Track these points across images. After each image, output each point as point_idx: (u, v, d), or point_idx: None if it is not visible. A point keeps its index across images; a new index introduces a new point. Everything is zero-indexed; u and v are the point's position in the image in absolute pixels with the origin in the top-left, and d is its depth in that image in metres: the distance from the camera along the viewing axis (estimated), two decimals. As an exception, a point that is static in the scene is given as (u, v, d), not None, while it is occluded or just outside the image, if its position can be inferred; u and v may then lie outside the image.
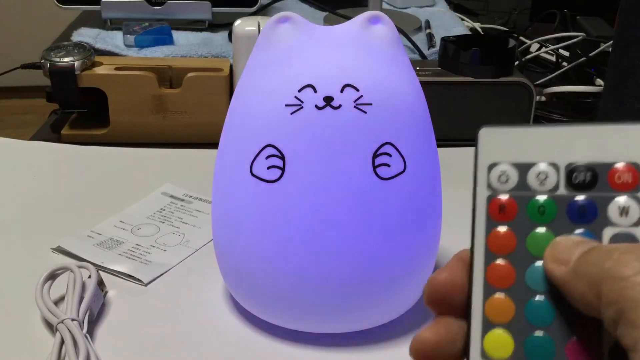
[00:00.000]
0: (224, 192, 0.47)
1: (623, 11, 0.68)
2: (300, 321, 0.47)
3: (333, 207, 0.43)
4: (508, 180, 0.25)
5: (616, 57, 0.69)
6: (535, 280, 0.24)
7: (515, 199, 0.25)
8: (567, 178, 0.24)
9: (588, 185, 0.24)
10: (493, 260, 0.25)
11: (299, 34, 0.45)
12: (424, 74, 0.76)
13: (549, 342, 0.23)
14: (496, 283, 0.24)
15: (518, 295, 0.24)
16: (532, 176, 0.25)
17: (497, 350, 0.24)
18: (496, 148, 0.25)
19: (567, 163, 0.24)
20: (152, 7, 1.02)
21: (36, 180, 0.70)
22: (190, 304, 0.51)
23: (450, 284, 0.26)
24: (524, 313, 0.24)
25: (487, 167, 0.25)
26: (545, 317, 0.23)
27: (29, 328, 0.48)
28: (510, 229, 0.25)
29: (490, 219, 0.25)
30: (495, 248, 0.25)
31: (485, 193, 0.25)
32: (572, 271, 0.22)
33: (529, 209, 0.24)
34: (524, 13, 1.31)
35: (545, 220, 0.24)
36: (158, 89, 0.76)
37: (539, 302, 0.24)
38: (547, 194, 0.24)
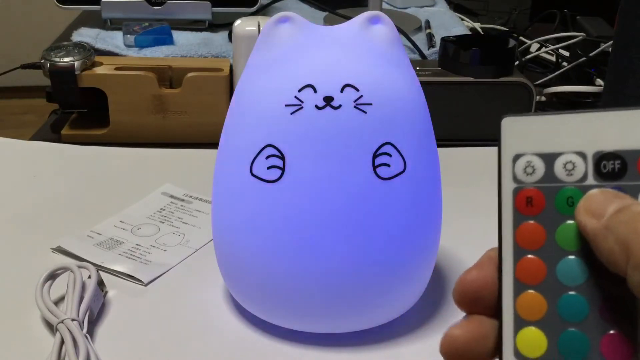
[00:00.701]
0: (224, 192, 0.47)
1: (623, 11, 0.68)
2: (300, 321, 0.47)
3: (333, 207, 0.43)
4: (534, 172, 0.24)
5: (616, 57, 0.69)
6: (567, 274, 0.23)
7: (542, 190, 0.24)
8: (595, 167, 0.23)
9: (618, 174, 0.23)
10: (522, 256, 0.24)
11: (299, 34, 0.45)
12: (424, 74, 0.76)
13: (583, 338, 0.23)
14: (526, 279, 0.24)
15: (549, 291, 0.23)
16: (559, 166, 0.24)
17: (531, 349, 0.23)
18: (520, 138, 0.24)
19: (595, 151, 0.23)
20: (152, 7, 1.02)
21: (36, 180, 0.70)
22: (190, 304, 0.51)
23: (481, 282, 0.25)
24: (557, 309, 0.23)
25: (512, 159, 0.24)
26: (579, 313, 0.23)
27: (29, 328, 0.48)
28: (538, 222, 0.24)
29: (517, 213, 0.24)
30: (524, 243, 0.24)
31: (511, 185, 0.24)
32: (604, 226, 0.22)
33: (557, 200, 0.24)
34: (524, 13, 1.31)
35: (573, 212, 0.23)
36: (158, 89, 0.76)
37: (571, 298, 0.23)
38: (576, 185, 0.23)
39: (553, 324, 0.23)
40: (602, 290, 0.23)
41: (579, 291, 0.23)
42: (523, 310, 0.24)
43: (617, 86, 0.68)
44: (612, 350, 0.22)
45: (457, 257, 0.55)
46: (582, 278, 0.23)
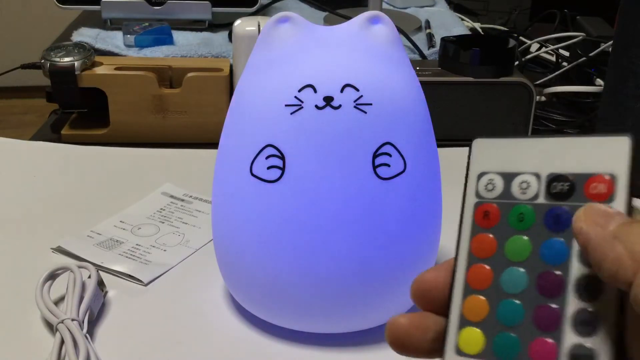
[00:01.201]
0: (224, 192, 0.47)
1: (623, 11, 0.68)
2: (300, 321, 0.47)
3: (333, 207, 0.43)
4: (494, 189, 0.27)
5: (616, 57, 0.69)
6: (509, 283, 0.25)
7: (498, 206, 0.26)
8: (547, 187, 0.25)
9: (565, 194, 0.25)
10: (474, 263, 0.26)
11: (299, 34, 0.45)
12: (424, 74, 0.76)
13: (515, 341, 0.25)
14: (475, 284, 0.26)
15: (492, 296, 0.26)
16: (515, 185, 0.26)
17: (470, 346, 0.26)
18: (486, 158, 0.27)
19: (548, 173, 0.26)
20: (152, 7, 1.02)
21: (36, 180, 0.70)
22: (190, 304, 0.51)
23: (435, 283, 0.27)
24: (496, 313, 0.25)
25: (477, 176, 0.27)
26: (514, 318, 0.25)
27: (29, 328, 0.48)
28: (491, 234, 0.26)
29: (475, 225, 0.27)
30: (477, 252, 0.26)
31: (473, 200, 0.27)
32: (612, 235, 0.22)
33: (510, 216, 0.26)
34: (524, 13, 1.31)
35: (523, 227, 0.26)
36: (158, 89, 0.76)
37: (509, 304, 0.25)
38: (528, 202, 0.26)
39: (491, 326, 0.25)
40: (537, 300, 0.25)
41: (517, 298, 0.25)
42: (468, 311, 0.26)
43: (617, 86, 0.68)
44: (538, 355, 0.24)
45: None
46: (521, 287, 0.25)
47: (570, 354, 0.23)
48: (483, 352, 0.25)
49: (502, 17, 1.28)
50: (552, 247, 0.25)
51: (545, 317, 0.24)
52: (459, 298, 0.26)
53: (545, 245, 0.25)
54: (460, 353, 0.26)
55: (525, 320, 0.25)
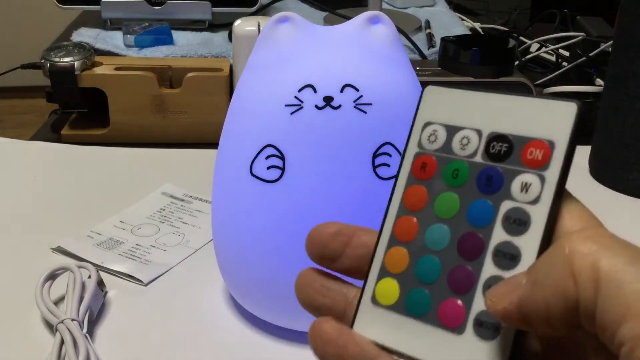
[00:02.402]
0: (224, 192, 0.47)
1: (623, 11, 0.68)
2: (300, 321, 0.47)
3: (333, 207, 0.43)
4: (436, 140, 0.26)
5: (616, 57, 0.69)
6: (432, 239, 0.25)
7: (437, 159, 0.26)
8: (485, 146, 0.25)
9: (502, 156, 0.24)
10: (403, 214, 0.26)
11: (299, 34, 0.45)
12: (424, 74, 0.76)
13: (427, 298, 0.24)
14: (401, 236, 0.26)
15: (414, 250, 0.25)
16: (456, 139, 0.25)
17: (385, 297, 0.25)
18: (434, 108, 0.26)
19: (490, 131, 0.25)
20: (152, 7, 1.02)
21: (36, 180, 0.70)
22: (190, 304, 0.51)
23: (332, 234, 0.27)
24: (415, 267, 0.25)
25: (422, 125, 0.26)
26: (431, 275, 0.25)
27: (29, 328, 0.48)
28: (425, 187, 0.26)
29: (411, 175, 0.26)
30: (408, 203, 0.26)
31: (414, 149, 0.26)
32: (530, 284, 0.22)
33: (446, 171, 0.25)
34: (524, 13, 1.31)
35: (456, 184, 0.25)
36: (158, 89, 0.76)
37: (429, 261, 0.25)
38: (464, 159, 0.25)
39: (408, 280, 0.25)
40: (456, 260, 0.24)
41: (437, 255, 0.25)
42: (389, 262, 0.26)
43: (617, 86, 0.68)
44: (446, 316, 0.24)
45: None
46: (443, 245, 0.25)
47: (476, 320, 0.23)
48: (395, 305, 0.25)
49: (502, 17, 1.28)
50: (478, 209, 0.24)
51: (459, 279, 0.24)
52: (383, 247, 0.26)
53: (473, 206, 0.24)
54: (376, 302, 0.25)
55: (440, 279, 0.24)
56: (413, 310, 0.25)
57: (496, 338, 0.23)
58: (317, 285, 0.27)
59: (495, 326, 0.23)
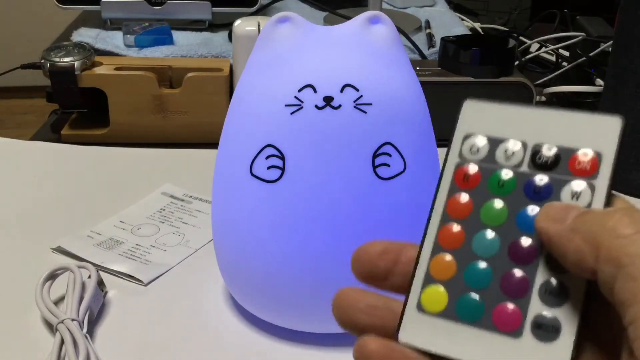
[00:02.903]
0: (224, 192, 0.47)
1: (623, 11, 0.68)
2: (300, 321, 0.47)
3: (333, 207, 0.43)
4: (478, 152, 0.26)
5: (616, 57, 0.69)
6: (480, 246, 0.25)
7: (480, 169, 0.26)
8: (531, 157, 0.25)
9: (549, 166, 0.25)
10: (447, 222, 0.26)
11: (299, 34, 0.45)
12: (424, 74, 0.76)
13: (479, 304, 0.25)
14: (445, 244, 0.26)
15: (462, 257, 0.25)
16: (500, 151, 0.26)
17: (432, 304, 0.25)
18: (475, 120, 0.27)
19: (535, 143, 0.25)
20: (152, 7, 1.02)
21: (36, 180, 0.70)
22: (190, 304, 0.51)
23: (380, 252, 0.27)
24: (464, 274, 0.25)
25: (463, 137, 0.27)
26: (481, 281, 0.25)
27: (29, 328, 0.48)
28: (469, 196, 0.26)
29: (454, 185, 0.26)
30: (452, 212, 0.26)
31: (455, 160, 0.27)
32: (569, 228, 0.23)
33: (490, 180, 0.26)
34: (524, 13, 1.31)
35: (502, 192, 0.25)
36: (158, 89, 0.76)
37: (478, 267, 0.25)
38: (510, 169, 0.26)
39: (457, 286, 0.25)
40: (508, 265, 0.25)
41: (487, 262, 0.25)
42: (435, 269, 0.26)
43: (617, 86, 0.68)
44: (502, 320, 0.24)
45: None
46: (493, 251, 0.25)
47: (534, 323, 0.23)
48: (445, 312, 0.25)
49: (502, 17, 1.28)
50: (528, 215, 0.25)
51: (513, 283, 0.24)
52: (427, 255, 0.26)
53: (522, 213, 0.25)
54: (422, 310, 0.25)
55: (492, 284, 0.24)
56: (465, 316, 0.25)
57: (557, 339, 0.23)
58: (362, 305, 0.27)
59: (556, 328, 0.23)
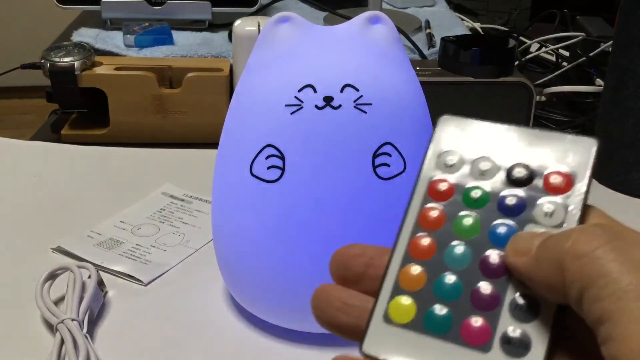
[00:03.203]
0: (224, 192, 0.47)
1: (623, 11, 0.68)
2: (300, 321, 0.47)
3: (333, 207, 0.43)
4: (453, 166, 0.27)
5: (616, 57, 0.69)
6: (451, 258, 0.25)
7: (455, 183, 0.26)
8: (507, 173, 0.26)
9: (524, 182, 0.25)
10: (419, 233, 0.26)
11: (299, 34, 0.45)
12: (424, 74, 0.76)
13: (448, 317, 0.24)
14: (416, 255, 0.26)
15: (432, 269, 0.25)
16: (475, 166, 0.26)
17: (400, 315, 0.25)
18: (451, 135, 0.27)
19: (511, 160, 0.26)
20: (152, 7, 1.02)
21: (36, 180, 0.70)
22: (190, 304, 0.51)
23: (354, 255, 0.27)
24: (433, 286, 0.25)
25: (439, 152, 0.27)
26: (451, 294, 0.24)
27: (29, 328, 0.48)
28: (443, 208, 0.26)
29: (427, 197, 0.27)
30: (424, 223, 0.26)
31: (430, 173, 0.27)
32: (534, 258, 0.23)
33: (465, 194, 0.26)
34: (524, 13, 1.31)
35: (476, 206, 0.26)
36: (158, 89, 0.76)
37: (448, 279, 0.25)
38: (485, 184, 0.26)
39: (426, 298, 0.25)
40: (478, 279, 0.24)
41: (458, 275, 0.25)
42: (404, 280, 0.25)
43: (617, 86, 0.68)
44: (470, 334, 0.24)
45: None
46: (464, 264, 0.25)
47: (504, 338, 0.23)
48: (412, 323, 0.25)
49: (502, 17, 1.28)
50: (501, 230, 0.25)
51: (483, 297, 0.24)
52: (396, 266, 0.26)
53: (495, 227, 0.25)
54: (388, 321, 0.25)
55: (462, 297, 0.24)
56: (433, 328, 0.24)
57: (526, 355, 0.23)
58: (338, 303, 0.27)
59: (525, 344, 0.23)
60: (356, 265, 0.27)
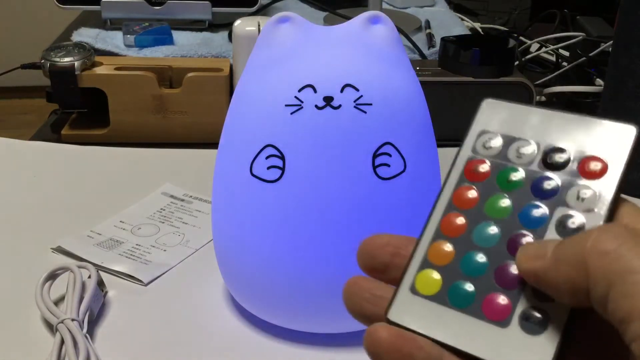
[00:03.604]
0: (224, 192, 0.47)
1: (623, 11, 0.68)
2: (300, 321, 0.47)
3: (333, 207, 0.43)
4: (491, 147, 0.27)
5: (616, 57, 0.69)
6: (480, 237, 0.26)
7: (491, 164, 0.27)
8: (543, 157, 0.26)
9: (559, 166, 0.25)
10: (451, 212, 0.27)
11: (299, 34, 0.45)
12: (424, 74, 0.76)
13: (471, 291, 0.25)
14: (447, 231, 0.27)
15: (461, 246, 0.26)
16: (513, 148, 0.27)
17: (426, 287, 0.26)
18: (491, 118, 0.28)
19: (548, 144, 0.26)
20: (152, 7, 1.02)
21: (36, 180, 0.70)
22: (190, 304, 0.51)
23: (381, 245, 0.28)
24: (460, 262, 0.26)
25: (478, 133, 0.28)
26: (476, 270, 0.25)
27: (29, 328, 0.48)
28: (476, 188, 0.27)
29: (462, 177, 0.27)
30: (457, 202, 0.27)
31: (468, 154, 0.28)
32: (552, 260, 0.23)
33: (500, 176, 0.26)
34: (524, 13, 1.31)
35: (509, 188, 0.26)
36: (158, 89, 0.76)
37: (475, 256, 0.26)
38: (521, 167, 0.26)
39: (452, 272, 0.26)
40: (504, 258, 0.25)
41: (485, 252, 0.25)
42: (432, 254, 0.26)
43: (617, 86, 0.68)
44: (491, 309, 0.24)
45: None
46: (492, 243, 0.25)
47: (523, 314, 0.24)
48: (437, 295, 0.25)
49: (502, 17, 1.28)
50: (532, 212, 0.25)
51: (507, 275, 0.25)
52: (427, 241, 0.27)
53: (526, 209, 0.25)
54: (415, 292, 0.26)
55: (486, 274, 0.25)
56: (456, 302, 0.25)
57: (543, 333, 0.23)
58: (366, 294, 0.28)
59: (543, 322, 0.23)
60: (382, 254, 0.28)
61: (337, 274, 0.44)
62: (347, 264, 0.44)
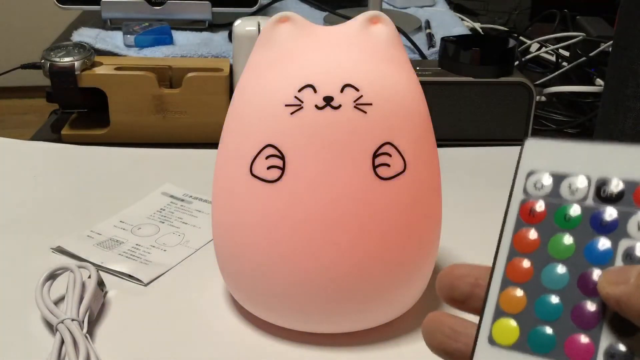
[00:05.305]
0: (224, 192, 0.47)
1: (623, 11, 0.68)
2: (300, 321, 0.47)
3: (333, 207, 0.43)
4: (543, 187, 0.27)
5: (616, 57, 0.69)
6: (550, 279, 0.26)
7: (546, 204, 0.27)
8: (596, 191, 0.26)
9: (614, 199, 0.25)
10: (515, 257, 0.27)
11: (299, 34, 0.45)
12: (424, 74, 0.76)
13: (551, 336, 0.25)
14: (514, 277, 0.26)
15: (531, 290, 0.26)
16: (565, 186, 0.27)
17: (504, 337, 0.26)
18: (537, 158, 0.28)
19: (599, 177, 0.26)
20: (152, 7, 1.02)
21: (36, 180, 0.70)
22: (190, 304, 0.51)
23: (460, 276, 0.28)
24: (534, 307, 0.26)
25: (526, 174, 0.28)
26: (552, 313, 0.25)
27: (29, 328, 0.48)
28: (536, 230, 0.27)
29: (520, 220, 0.27)
30: (519, 246, 0.27)
31: (520, 197, 0.27)
32: (635, 285, 0.23)
33: (557, 215, 0.26)
34: (524, 13, 1.31)
35: (569, 226, 0.26)
36: (158, 89, 0.76)
37: (549, 299, 0.25)
38: (576, 203, 0.26)
39: (528, 319, 0.26)
40: (578, 298, 0.25)
41: (557, 294, 0.25)
42: (504, 303, 0.26)
43: (617, 86, 0.68)
44: (574, 351, 0.24)
45: (457, 257, 0.55)
46: (562, 284, 0.25)
47: (607, 353, 0.24)
48: (517, 344, 0.25)
49: (502, 17, 1.28)
50: (596, 247, 0.25)
51: (584, 315, 0.24)
52: (496, 289, 0.27)
53: (590, 245, 0.25)
54: (493, 343, 0.26)
55: (563, 316, 0.25)
56: (538, 348, 0.25)
57: None
58: (447, 330, 0.28)
59: (629, 356, 0.23)
60: (462, 285, 0.28)
61: (337, 274, 0.44)
62: (346, 263, 0.44)
